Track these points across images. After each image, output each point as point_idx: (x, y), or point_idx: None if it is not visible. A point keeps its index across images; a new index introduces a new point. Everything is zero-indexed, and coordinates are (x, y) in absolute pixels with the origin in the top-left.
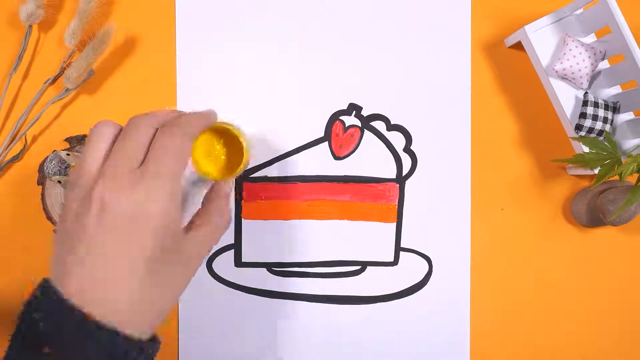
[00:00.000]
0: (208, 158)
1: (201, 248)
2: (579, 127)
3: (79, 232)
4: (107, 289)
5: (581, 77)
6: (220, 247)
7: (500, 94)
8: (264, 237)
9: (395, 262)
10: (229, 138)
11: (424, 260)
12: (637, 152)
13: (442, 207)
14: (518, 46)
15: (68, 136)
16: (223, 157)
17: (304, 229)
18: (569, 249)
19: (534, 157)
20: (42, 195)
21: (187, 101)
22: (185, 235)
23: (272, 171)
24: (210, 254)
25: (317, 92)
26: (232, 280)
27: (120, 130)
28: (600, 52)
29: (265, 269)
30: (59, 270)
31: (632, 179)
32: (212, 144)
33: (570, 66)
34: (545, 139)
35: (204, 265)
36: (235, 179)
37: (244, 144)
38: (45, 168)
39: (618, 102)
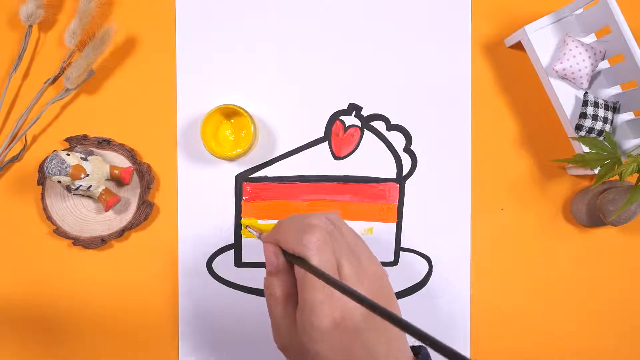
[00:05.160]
0: (216, 138)
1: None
2: (579, 127)
3: None
4: None
5: (581, 77)
6: (220, 247)
7: (500, 94)
8: None
9: (395, 262)
10: (237, 120)
11: (424, 260)
12: (637, 152)
13: (442, 207)
14: (518, 46)
15: (68, 136)
16: (231, 137)
17: None
18: (569, 249)
19: (534, 157)
20: (42, 195)
21: (187, 101)
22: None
23: (272, 171)
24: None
25: (317, 92)
26: (232, 280)
27: None
28: (600, 52)
29: (265, 269)
30: None
31: (632, 179)
32: (220, 125)
33: (570, 66)
34: (545, 139)
35: (204, 265)
36: (236, 179)
37: (252, 124)
38: (45, 168)
39: (618, 102)
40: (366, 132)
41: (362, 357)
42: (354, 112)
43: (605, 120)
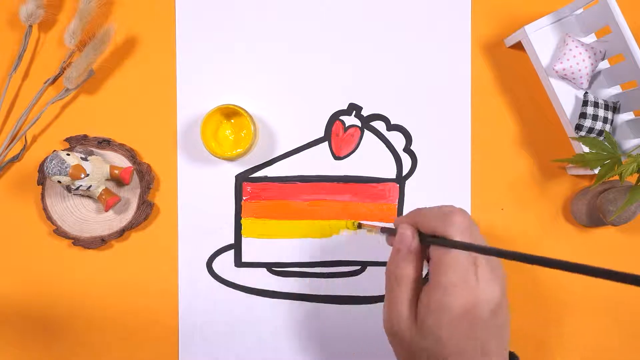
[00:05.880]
0: (216, 138)
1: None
2: (579, 127)
3: None
4: None
5: (581, 77)
6: (220, 247)
7: (500, 94)
8: (264, 237)
9: None
10: (237, 120)
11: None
12: (637, 152)
13: None
14: (518, 46)
15: (68, 136)
16: (231, 137)
17: (304, 229)
18: (569, 249)
19: (534, 157)
20: (42, 195)
21: (187, 101)
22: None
23: (272, 171)
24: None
25: (317, 92)
26: (232, 280)
27: None
28: (600, 52)
29: (265, 269)
30: None
31: (632, 179)
32: (220, 125)
33: (570, 66)
34: (545, 139)
35: (204, 265)
36: (236, 179)
37: (252, 124)
38: (45, 168)
39: (618, 102)
40: (366, 132)
41: (476, 350)
42: (354, 112)
43: (605, 120)
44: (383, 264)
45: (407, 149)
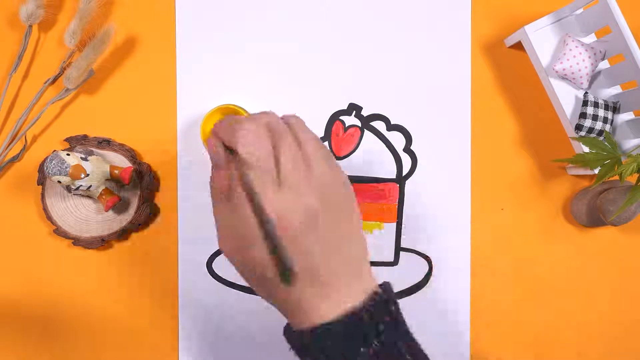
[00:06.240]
0: None
1: None
2: (579, 127)
3: None
4: None
5: (581, 77)
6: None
7: (500, 94)
8: None
9: (395, 262)
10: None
11: (424, 260)
12: (637, 152)
13: (442, 207)
14: (518, 46)
15: (68, 136)
16: None
17: None
18: (569, 249)
19: (534, 157)
20: (42, 195)
21: (187, 101)
22: None
23: None
24: None
25: (317, 92)
26: (232, 280)
27: None
28: (600, 52)
29: None
30: None
31: (632, 179)
32: None
33: (570, 66)
34: (545, 139)
35: (204, 265)
36: None
37: None
38: (45, 168)
39: (618, 102)
40: (366, 132)
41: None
42: (354, 112)
43: (605, 120)
44: (383, 264)
45: (407, 149)
